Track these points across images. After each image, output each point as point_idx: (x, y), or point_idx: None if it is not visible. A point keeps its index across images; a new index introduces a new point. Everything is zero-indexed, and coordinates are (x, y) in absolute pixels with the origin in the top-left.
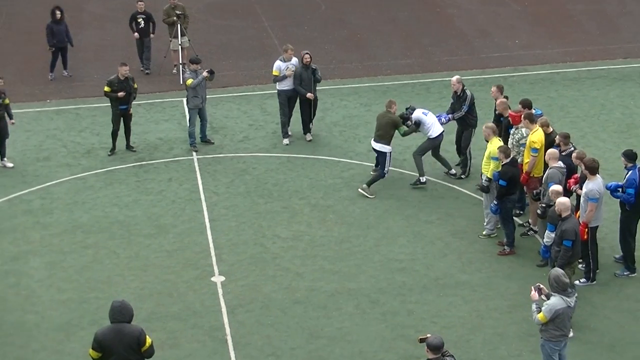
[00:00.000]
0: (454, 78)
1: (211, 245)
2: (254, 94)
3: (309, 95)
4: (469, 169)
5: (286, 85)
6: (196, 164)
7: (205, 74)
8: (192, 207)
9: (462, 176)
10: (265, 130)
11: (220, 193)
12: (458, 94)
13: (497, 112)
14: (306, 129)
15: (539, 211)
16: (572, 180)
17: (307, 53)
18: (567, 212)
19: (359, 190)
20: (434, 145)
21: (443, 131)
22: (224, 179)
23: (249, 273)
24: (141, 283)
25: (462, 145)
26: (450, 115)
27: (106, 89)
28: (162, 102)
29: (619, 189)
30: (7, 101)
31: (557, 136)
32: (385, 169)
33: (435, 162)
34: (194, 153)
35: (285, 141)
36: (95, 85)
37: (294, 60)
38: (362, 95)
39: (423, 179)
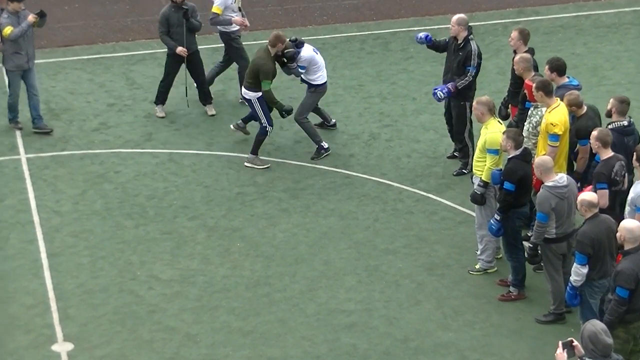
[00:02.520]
0: (455, 18)
1: (51, 294)
2: (116, 57)
3: (179, 49)
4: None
5: (235, 26)
6: (25, 167)
7: (31, 17)
8: (20, 235)
9: (464, 170)
10: (133, 113)
11: (64, 212)
12: (459, 42)
13: (517, 72)
14: (160, 98)
15: (527, 254)
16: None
17: None
18: (634, 244)
19: (245, 164)
20: (320, 96)
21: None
22: (70, 189)
23: (112, 337)
24: None
25: (456, 128)
26: (451, 85)
27: None
28: None
29: None
30: None
31: (611, 100)
32: (263, 121)
33: (398, 159)
34: (18, 133)
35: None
36: None
37: None
38: None
39: (325, 145)
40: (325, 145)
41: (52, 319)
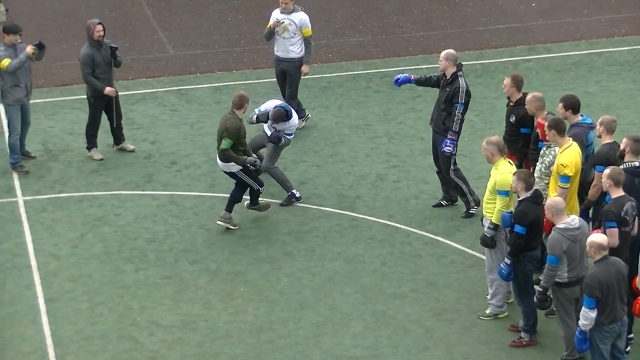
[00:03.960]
0: (443, 53)
1: (48, 340)
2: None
3: (108, 90)
4: (472, 196)
5: (276, 49)
6: (22, 210)
7: (30, 49)
8: (18, 280)
9: (472, 211)
10: (133, 154)
11: (62, 256)
12: (447, 78)
13: (512, 120)
14: (92, 142)
15: (536, 298)
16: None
17: (99, 23)
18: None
19: (218, 222)
20: (285, 146)
21: None
22: (68, 233)
23: None
24: None
25: (443, 167)
26: (449, 134)
27: None
28: None
29: None
30: None
31: (624, 139)
32: (255, 187)
33: (406, 200)
34: (16, 175)
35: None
36: None
37: (297, 15)
38: None
39: (298, 194)
40: (297, 194)
41: None
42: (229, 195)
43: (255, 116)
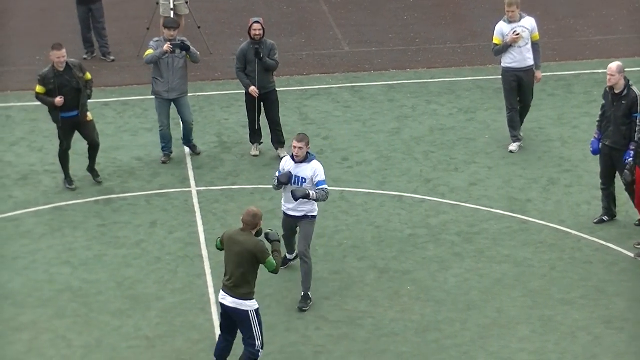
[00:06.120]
0: (615, 67)
1: (217, 330)
2: (290, 91)
3: (252, 89)
4: None
5: (511, 60)
6: (195, 200)
7: (166, 47)
8: (189, 269)
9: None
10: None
11: None
12: (619, 92)
13: None
14: (255, 137)
15: None
16: None
17: (256, 22)
18: None
19: None
20: None
21: None
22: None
23: None
24: None
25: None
26: (631, 146)
27: (38, 89)
28: (142, 100)
29: None
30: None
31: None
32: (258, 341)
33: (578, 206)
34: (191, 167)
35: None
36: (33, 73)
37: (527, 21)
38: (461, 95)
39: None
40: (311, 296)
41: None
42: (399, 193)
43: (275, 180)
